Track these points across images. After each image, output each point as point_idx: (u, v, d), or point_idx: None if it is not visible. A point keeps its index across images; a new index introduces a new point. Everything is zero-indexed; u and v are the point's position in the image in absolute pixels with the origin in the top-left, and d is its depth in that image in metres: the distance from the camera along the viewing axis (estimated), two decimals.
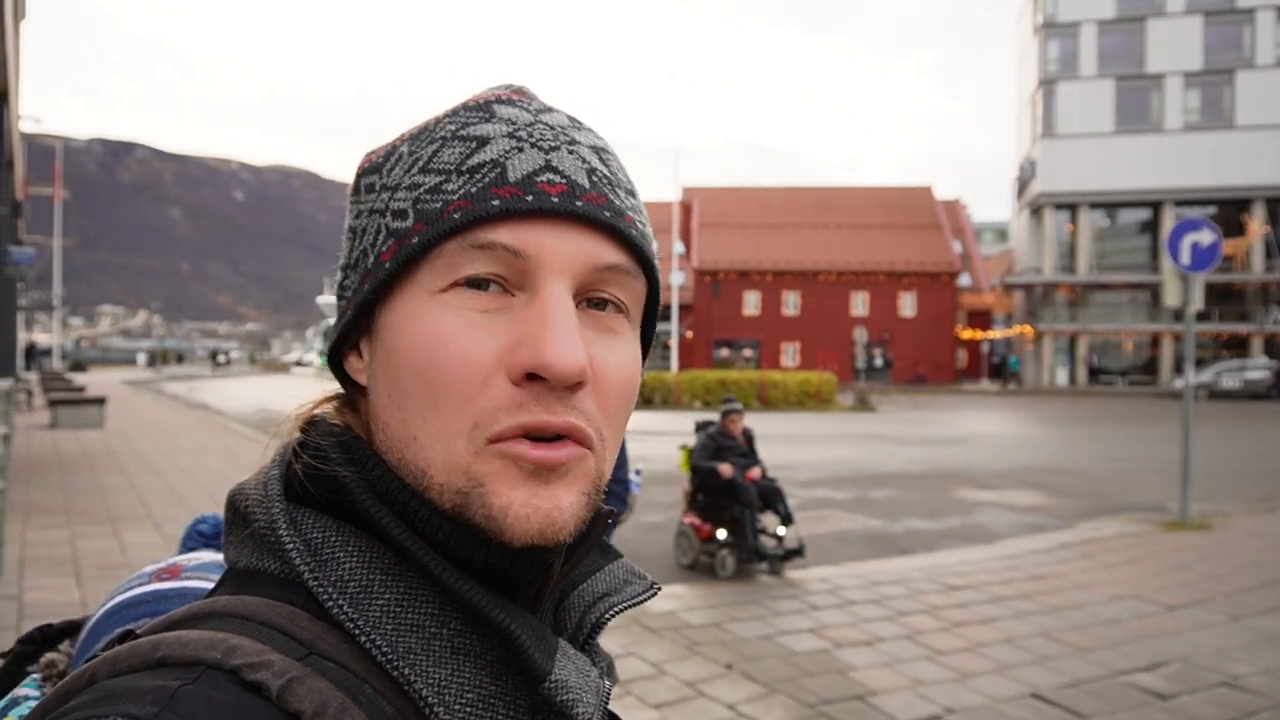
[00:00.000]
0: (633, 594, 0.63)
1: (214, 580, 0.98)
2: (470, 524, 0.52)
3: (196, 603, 0.52)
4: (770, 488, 7.04)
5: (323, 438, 0.56)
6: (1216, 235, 8.92)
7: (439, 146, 0.56)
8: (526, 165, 0.54)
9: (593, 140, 0.59)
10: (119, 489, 9.84)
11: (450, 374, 0.52)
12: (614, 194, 0.56)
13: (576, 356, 0.51)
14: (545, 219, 0.53)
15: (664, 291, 0.53)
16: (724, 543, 6.83)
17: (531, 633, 0.52)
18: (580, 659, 0.57)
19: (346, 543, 0.52)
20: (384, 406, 0.55)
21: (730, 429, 7.16)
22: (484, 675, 0.52)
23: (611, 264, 0.55)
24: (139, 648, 0.47)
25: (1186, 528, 8.64)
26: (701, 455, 7.04)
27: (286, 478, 0.56)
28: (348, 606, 0.50)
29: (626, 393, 0.57)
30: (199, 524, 1.19)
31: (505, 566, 0.54)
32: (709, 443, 7.08)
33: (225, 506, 0.59)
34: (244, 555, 0.55)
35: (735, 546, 6.81)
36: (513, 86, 0.61)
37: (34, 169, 35.28)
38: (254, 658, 0.45)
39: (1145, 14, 43.77)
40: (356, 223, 0.59)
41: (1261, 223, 42.26)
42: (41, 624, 1.01)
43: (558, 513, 0.52)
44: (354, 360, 0.60)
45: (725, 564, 6.76)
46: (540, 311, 0.52)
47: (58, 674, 0.94)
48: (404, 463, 0.54)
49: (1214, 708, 4.25)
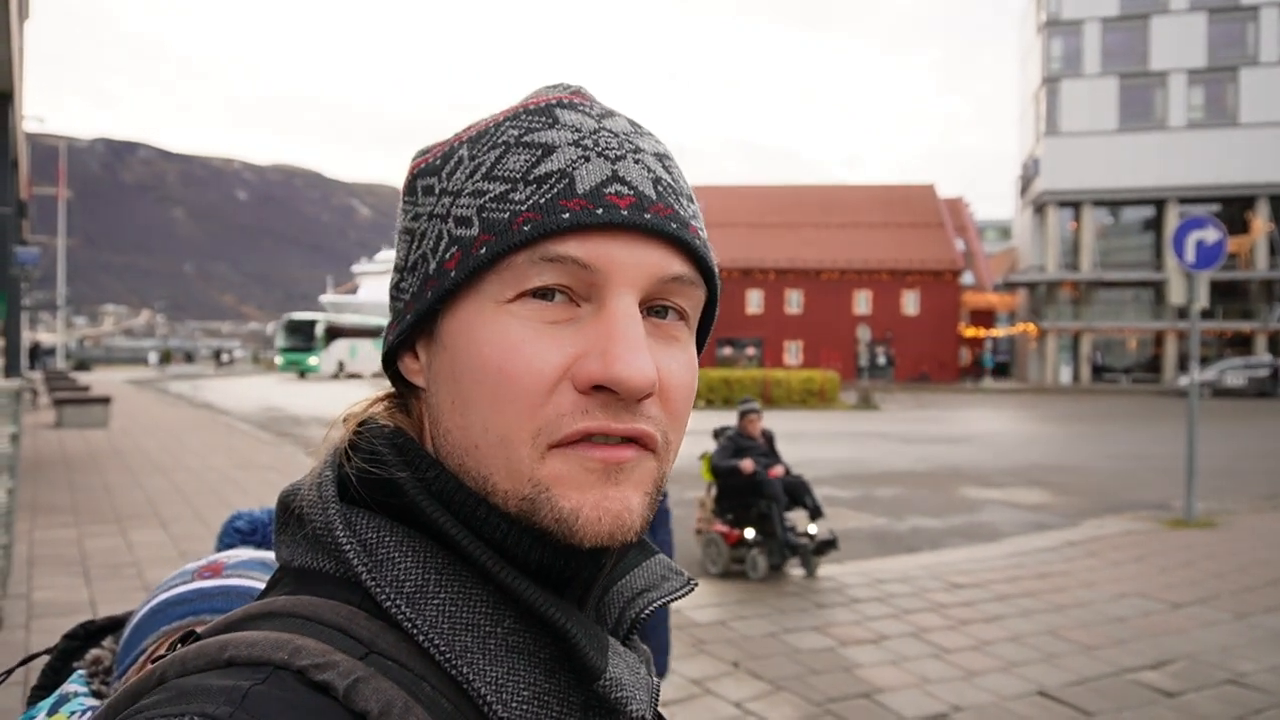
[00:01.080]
0: (671, 589, 0.64)
1: (255, 577, 0.99)
2: (538, 527, 0.52)
3: (255, 603, 0.53)
4: (795, 482, 6.85)
5: (376, 439, 0.57)
6: (1221, 233, 8.92)
7: (502, 152, 0.55)
8: (594, 176, 0.53)
9: (655, 147, 0.59)
10: (125, 488, 9.87)
11: (517, 384, 0.52)
12: (678, 203, 0.56)
13: (647, 371, 0.51)
14: (614, 232, 0.53)
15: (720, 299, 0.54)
16: (753, 543, 6.62)
17: (585, 630, 0.53)
18: (629, 656, 0.58)
19: (401, 543, 0.53)
20: (446, 412, 0.56)
21: (749, 430, 7.01)
22: (538, 673, 0.52)
23: (677, 275, 0.55)
24: (207, 648, 0.47)
25: (1191, 526, 8.64)
26: (721, 457, 6.87)
27: (339, 479, 0.56)
28: (405, 606, 0.51)
29: (688, 398, 0.57)
30: (235, 520, 1.20)
31: (560, 566, 0.54)
32: (728, 444, 6.93)
33: (277, 507, 0.60)
34: (299, 555, 0.55)
35: (765, 545, 6.61)
36: (570, 87, 0.61)
37: (38, 169, 35.36)
38: (319, 658, 0.46)
39: (1149, 11, 43.69)
40: (414, 225, 0.59)
41: (1265, 220, 42.19)
42: (84, 621, 1.03)
43: (628, 514, 0.53)
44: (410, 361, 0.60)
45: (756, 565, 6.53)
46: (610, 324, 0.52)
47: (103, 670, 0.96)
48: (464, 469, 0.54)
49: (1220, 705, 4.26)
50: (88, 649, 1.00)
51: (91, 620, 1.04)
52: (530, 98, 0.60)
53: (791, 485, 6.79)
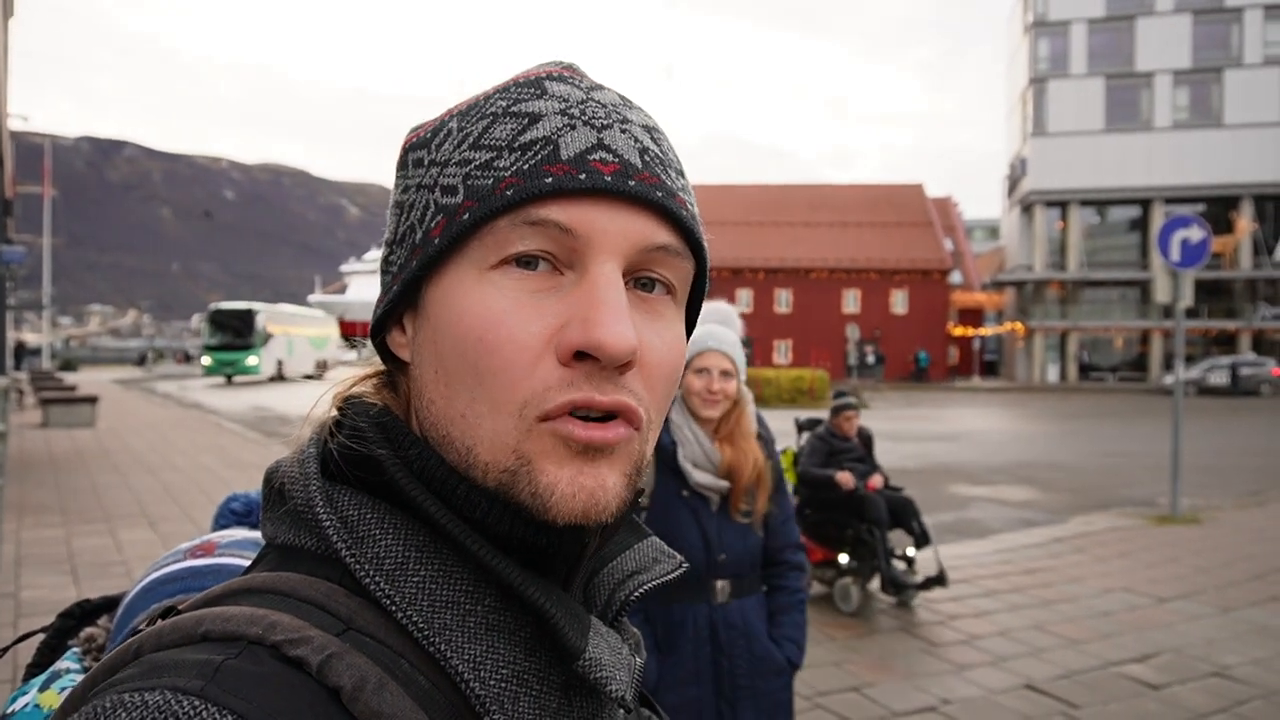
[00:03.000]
0: (662, 572, 0.64)
1: (248, 557, 1.01)
2: (514, 502, 0.52)
3: (236, 579, 0.53)
4: (899, 499, 5.85)
5: (359, 416, 0.57)
6: (1206, 232, 9.00)
7: (490, 122, 0.55)
8: (579, 143, 0.53)
9: (644, 119, 0.58)
10: (113, 487, 9.82)
11: (500, 355, 0.52)
12: (665, 174, 0.56)
13: (628, 335, 0.51)
14: (598, 198, 0.53)
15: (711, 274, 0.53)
16: (846, 569, 5.70)
17: (565, 610, 0.52)
18: (612, 636, 0.57)
19: (382, 520, 0.53)
20: (429, 383, 0.55)
21: (844, 429, 5.98)
22: (518, 651, 0.52)
23: (662, 244, 0.55)
24: (182, 623, 0.47)
25: (1177, 522, 8.72)
26: (810, 461, 5.84)
27: (323, 456, 0.56)
28: (384, 582, 0.50)
29: (672, 376, 0.57)
30: (231, 501, 1.22)
31: (542, 544, 0.53)
32: (819, 445, 5.92)
33: (263, 483, 0.60)
34: (281, 532, 0.55)
35: (861, 574, 5.65)
36: (563, 64, 0.61)
37: (22, 167, 35.09)
38: (294, 633, 0.46)
39: (1135, 13, 43.96)
40: (403, 198, 0.59)
41: (1250, 220, 42.53)
42: (80, 600, 1.04)
43: (602, 492, 0.52)
44: (397, 335, 0.60)
45: (849, 596, 5.61)
46: (591, 291, 0.52)
47: (97, 648, 0.97)
48: (449, 439, 0.54)
49: (1204, 697, 4.31)
50: (83, 627, 1.01)
51: (88, 599, 1.05)
52: (521, 73, 0.60)
53: (895, 504, 5.81)
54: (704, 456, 2.34)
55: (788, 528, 2.52)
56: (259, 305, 40.21)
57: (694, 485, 2.33)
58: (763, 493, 2.39)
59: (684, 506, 2.34)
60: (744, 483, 2.34)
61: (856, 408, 6.01)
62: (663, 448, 2.37)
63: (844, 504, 5.66)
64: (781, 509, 2.50)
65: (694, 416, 2.38)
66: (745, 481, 2.34)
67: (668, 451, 2.37)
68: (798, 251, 49.95)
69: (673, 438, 2.38)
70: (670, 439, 2.38)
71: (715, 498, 2.35)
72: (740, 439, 2.38)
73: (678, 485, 2.35)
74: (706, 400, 2.35)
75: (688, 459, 2.34)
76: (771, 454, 2.49)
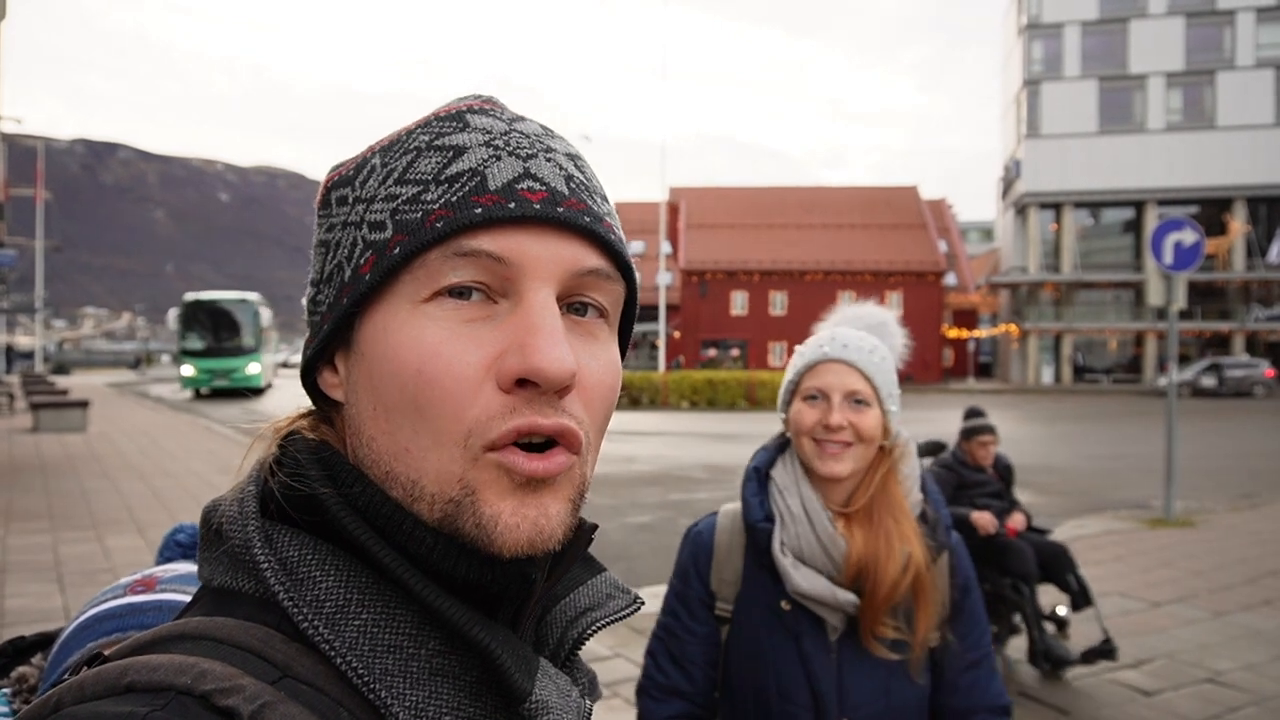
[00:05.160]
0: (616, 609, 0.63)
1: (190, 593, 0.97)
2: (458, 535, 0.52)
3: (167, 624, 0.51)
4: (1049, 546, 4.74)
5: (300, 453, 0.56)
6: (1199, 235, 9.00)
7: (414, 157, 0.55)
8: (506, 173, 0.54)
9: (566, 148, 0.59)
10: (103, 493, 9.75)
11: (439, 388, 0.51)
12: (591, 200, 0.57)
13: (566, 360, 0.51)
14: (527, 226, 0.53)
15: (642, 293, 0.52)
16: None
17: (512, 652, 0.52)
18: (561, 678, 0.57)
19: (323, 561, 0.51)
20: (368, 420, 0.54)
21: (977, 456, 4.89)
22: (462, 696, 0.51)
23: (592, 268, 0.55)
24: (106, 673, 0.45)
25: (1171, 525, 8.70)
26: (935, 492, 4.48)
27: (262, 494, 0.55)
28: (323, 627, 0.49)
29: (609, 397, 0.57)
30: (176, 533, 1.17)
31: (487, 581, 0.53)
32: (945, 476, 4.84)
33: (200, 522, 0.58)
34: (218, 574, 0.54)
35: (999, 640, 4.64)
36: (482, 96, 0.61)
37: (15, 170, 34.96)
38: (225, 683, 0.44)
39: (1128, 15, 44.12)
40: (329, 236, 0.58)
41: (1242, 222, 42.67)
42: (13, 637, 1.00)
43: (545, 520, 0.52)
44: (328, 376, 0.59)
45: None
46: (527, 318, 0.52)
47: (28, 688, 0.93)
48: (393, 475, 0.53)
49: (1198, 703, 4.28)
50: (15, 666, 0.97)
51: (21, 637, 1.01)
52: (441, 107, 0.60)
53: (1044, 552, 4.70)
54: (816, 545, 1.45)
55: (982, 675, 1.54)
56: (252, 295, 31.18)
57: (797, 594, 1.45)
58: (925, 610, 1.46)
59: (780, 629, 1.48)
60: (886, 592, 1.42)
61: (994, 430, 4.89)
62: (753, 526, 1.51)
63: (980, 551, 4.39)
64: (969, 640, 1.54)
65: (808, 474, 1.51)
66: (888, 590, 1.42)
67: (760, 533, 1.49)
68: (792, 254, 49.99)
69: (768, 509, 1.51)
70: (764, 510, 1.51)
71: (836, 617, 1.46)
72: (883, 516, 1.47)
73: (773, 592, 1.49)
74: (823, 446, 1.46)
75: (789, 548, 1.46)
76: (945, 543, 1.54)
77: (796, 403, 1.51)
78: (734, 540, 1.59)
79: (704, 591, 1.60)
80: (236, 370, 28.77)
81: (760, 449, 1.63)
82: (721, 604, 1.57)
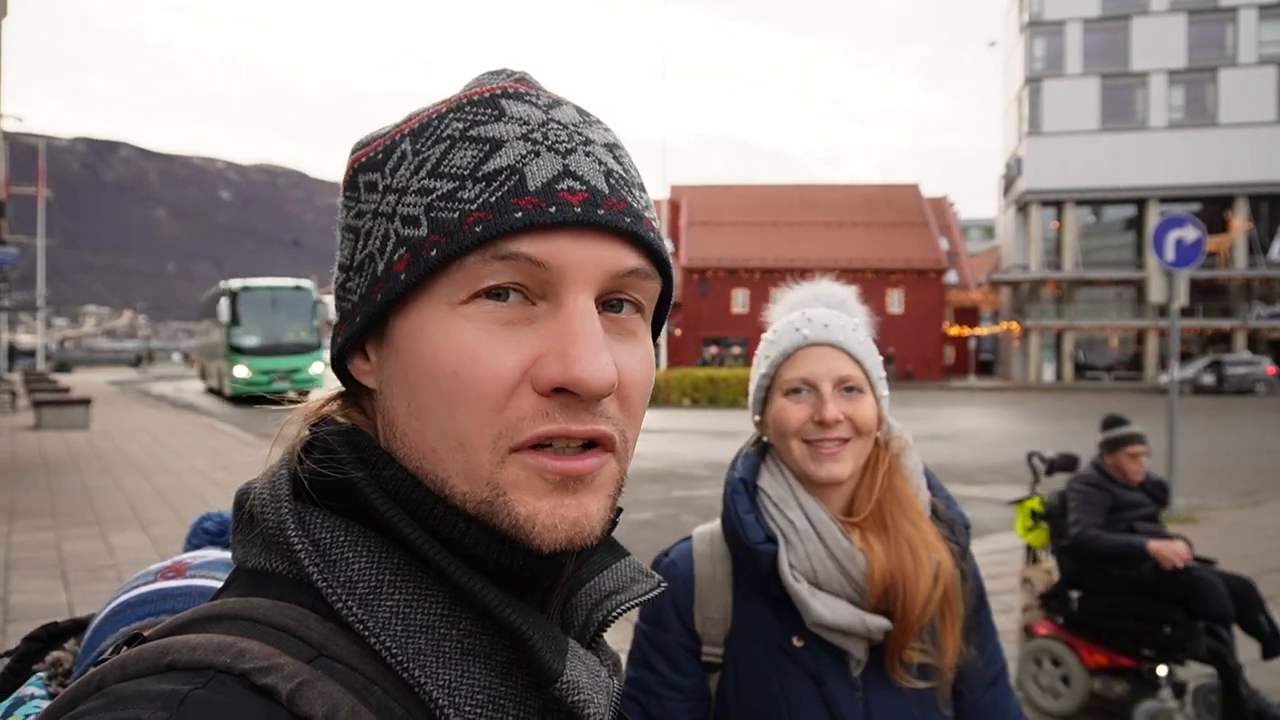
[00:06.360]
0: (640, 592, 0.63)
1: (219, 578, 0.98)
2: (495, 530, 0.52)
3: (204, 605, 0.52)
4: (1236, 583, 3.98)
5: (331, 436, 0.56)
6: (1200, 232, 8.99)
7: (448, 147, 0.53)
8: (545, 172, 0.52)
9: (604, 137, 0.57)
10: (106, 490, 9.77)
11: (475, 390, 0.51)
12: (631, 196, 0.55)
13: (607, 371, 0.50)
14: (568, 229, 0.52)
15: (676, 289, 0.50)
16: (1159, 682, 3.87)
17: (543, 633, 0.52)
18: (590, 659, 0.57)
19: (355, 543, 0.52)
20: (401, 416, 0.54)
21: (1128, 471, 4.22)
22: (494, 676, 0.51)
23: (632, 268, 0.55)
24: (147, 652, 0.46)
25: (1174, 521, 8.71)
26: (1089, 517, 4.05)
27: (294, 477, 0.55)
28: (356, 608, 0.49)
29: (645, 393, 0.57)
30: (204, 521, 1.18)
31: (519, 567, 0.53)
32: (1095, 496, 4.14)
33: (233, 506, 0.58)
34: (252, 555, 0.54)
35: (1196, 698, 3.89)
36: (514, 75, 0.58)
37: (17, 168, 35.02)
38: (264, 661, 0.45)
39: (1130, 12, 44.06)
40: (357, 223, 0.57)
41: (1244, 219, 42.64)
42: (47, 622, 1.01)
43: (586, 520, 0.52)
44: (359, 363, 0.59)
45: None
46: (567, 325, 0.51)
47: (63, 672, 0.94)
48: (421, 471, 0.53)
49: None
50: (49, 651, 0.99)
51: (55, 622, 1.02)
52: (472, 87, 0.57)
53: (1231, 588, 3.94)
54: (831, 564, 1.22)
55: (1001, 693, 1.34)
56: (306, 281, 26.40)
57: (817, 626, 1.22)
58: (953, 626, 1.23)
59: (794, 671, 1.24)
60: (919, 611, 1.19)
61: (1145, 440, 4.23)
62: (752, 549, 1.25)
63: (1154, 587, 3.86)
64: (987, 654, 1.33)
65: (802, 482, 1.28)
66: (922, 608, 1.20)
67: (761, 557, 1.24)
68: (794, 251, 49.98)
69: (768, 529, 1.26)
70: (762, 531, 1.26)
71: (860, 647, 1.22)
72: (899, 521, 1.25)
73: (783, 627, 1.26)
74: (817, 446, 1.25)
75: (800, 571, 1.23)
76: (965, 545, 1.30)
77: (777, 399, 1.30)
78: (718, 569, 1.33)
79: (686, 635, 1.32)
80: (300, 370, 24.08)
81: (739, 456, 1.38)
82: (709, 648, 1.31)
